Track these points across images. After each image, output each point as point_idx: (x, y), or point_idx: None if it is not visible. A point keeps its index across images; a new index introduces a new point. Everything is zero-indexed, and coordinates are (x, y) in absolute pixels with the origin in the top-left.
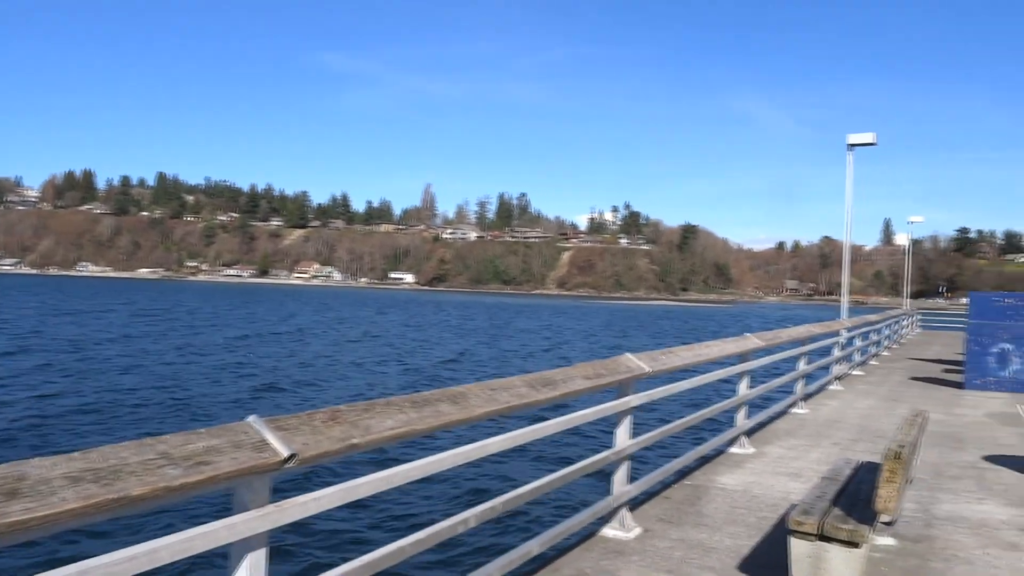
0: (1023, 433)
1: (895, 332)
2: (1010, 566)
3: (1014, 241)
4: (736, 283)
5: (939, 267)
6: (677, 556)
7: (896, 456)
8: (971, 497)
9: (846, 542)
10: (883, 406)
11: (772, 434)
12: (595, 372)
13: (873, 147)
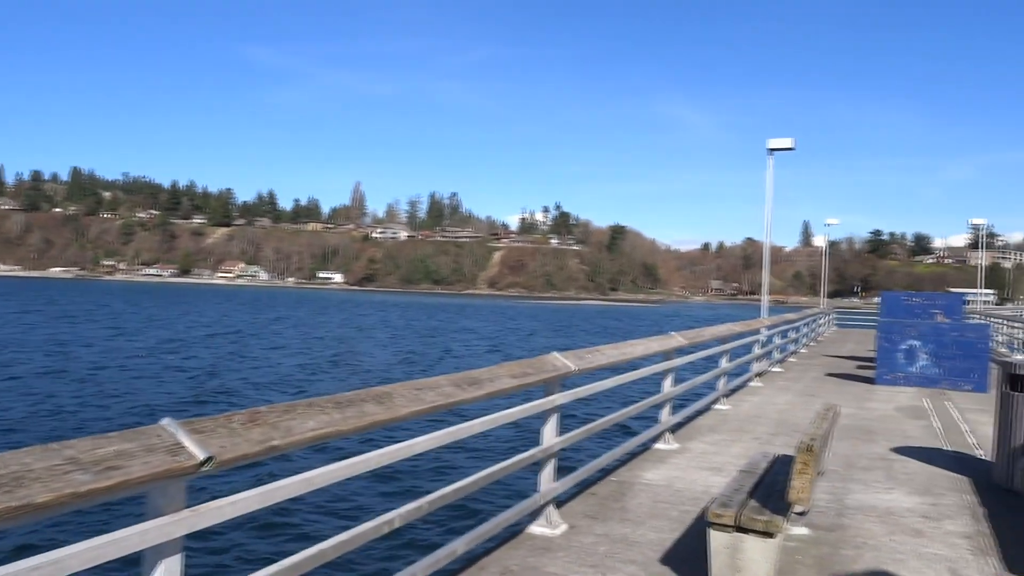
0: (928, 425)
1: (812, 330)
2: (914, 551)
3: (923, 243)
4: (664, 283)
5: (854, 268)
6: (602, 551)
7: (808, 449)
8: (880, 487)
9: (762, 532)
10: (800, 401)
11: (695, 430)
12: (521, 371)
13: (792, 152)
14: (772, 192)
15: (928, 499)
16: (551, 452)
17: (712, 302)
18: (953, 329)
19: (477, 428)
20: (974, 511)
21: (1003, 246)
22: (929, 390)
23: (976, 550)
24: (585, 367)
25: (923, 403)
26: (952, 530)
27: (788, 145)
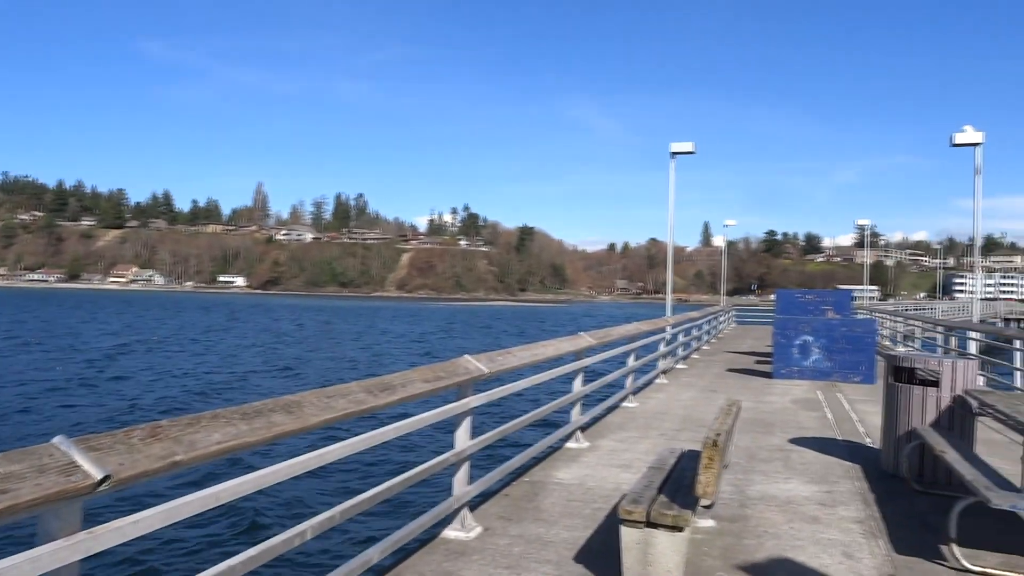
0: (822, 417)
1: (714, 327)
2: (811, 537)
3: (814, 243)
4: (571, 283)
5: (751, 266)
6: (517, 552)
7: (714, 444)
8: (779, 477)
9: (671, 527)
10: (704, 397)
11: (605, 428)
12: (434, 375)
13: (694, 155)
14: (674, 194)
15: (823, 487)
16: (465, 455)
17: (618, 301)
18: (843, 324)
19: (391, 434)
20: (865, 497)
21: (885, 245)
22: (822, 383)
23: (867, 533)
24: (498, 369)
25: (817, 395)
26: (845, 515)
27: (689, 149)
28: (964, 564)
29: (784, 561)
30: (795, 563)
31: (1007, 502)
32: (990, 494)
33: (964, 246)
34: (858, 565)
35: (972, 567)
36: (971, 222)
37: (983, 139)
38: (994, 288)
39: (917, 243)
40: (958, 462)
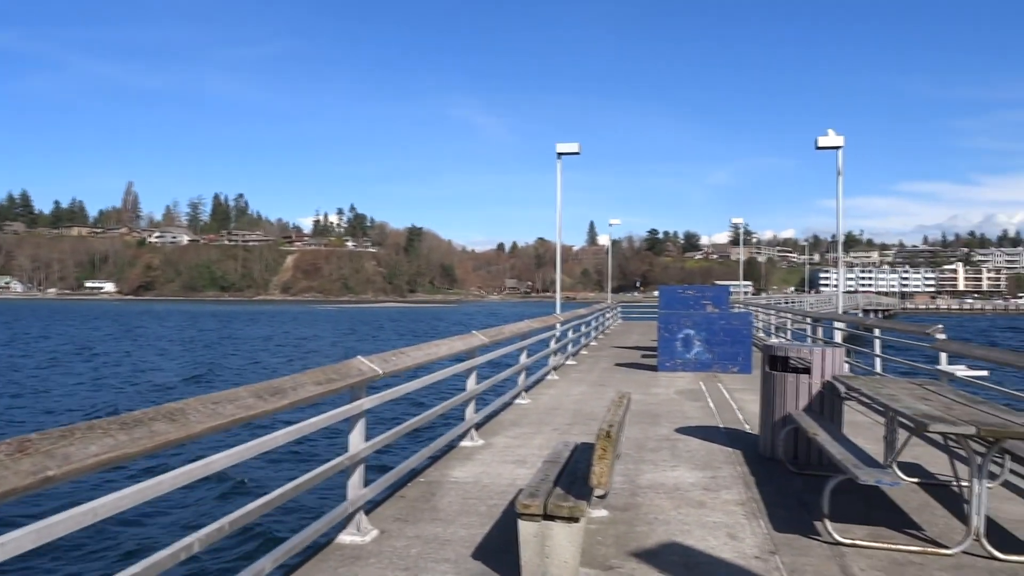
0: (704, 406)
1: (601, 324)
2: (698, 521)
3: (692, 241)
4: (461, 283)
5: (635, 264)
6: (414, 553)
7: (607, 435)
8: (667, 465)
9: (567, 518)
10: (594, 391)
11: (499, 425)
12: (326, 377)
13: (580, 156)
14: (561, 194)
15: (708, 473)
16: (359, 458)
17: (508, 300)
18: (721, 318)
19: (281, 439)
20: (746, 480)
21: (758, 242)
22: (704, 374)
23: (749, 514)
24: (391, 370)
25: (699, 386)
26: (728, 499)
27: (574, 150)
28: (836, 538)
29: (674, 545)
30: (684, 546)
31: (872, 478)
32: (858, 471)
33: (828, 243)
34: (741, 545)
35: (843, 540)
36: (834, 220)
37: (844, 143)
38: (855, 282)
39: (786, 240)
40: (829, 443)
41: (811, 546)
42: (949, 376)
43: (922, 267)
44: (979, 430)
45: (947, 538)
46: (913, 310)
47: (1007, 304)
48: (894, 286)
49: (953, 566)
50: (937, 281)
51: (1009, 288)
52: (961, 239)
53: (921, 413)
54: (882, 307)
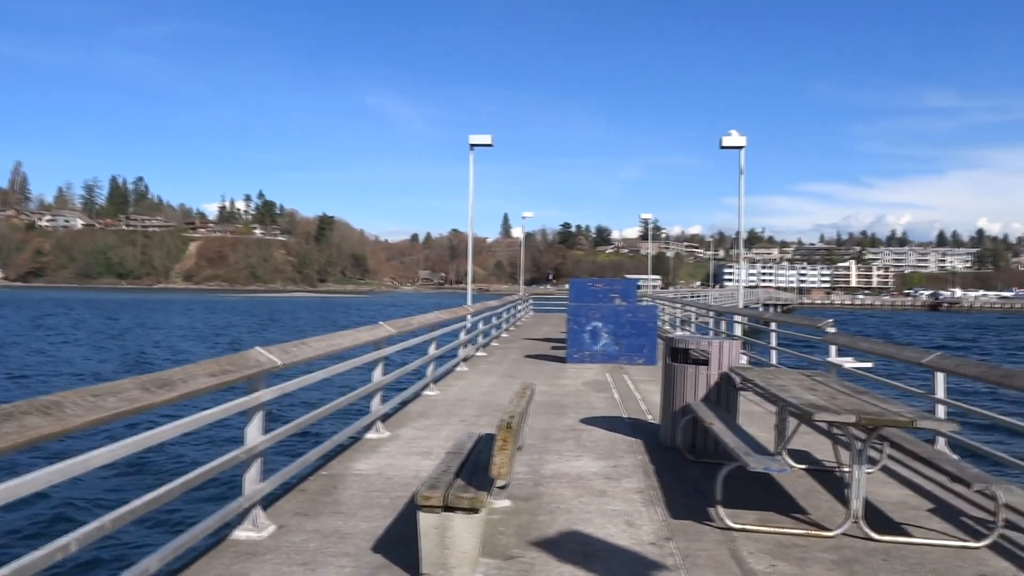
0: (610, 397)
1: (512, 316)
2: (598, 509)
3: (604, 235)
4: (373, 273)
5: (548, 257)
6: (312, 547)
7: (507, 426)
8: (571, 455)
9: (468, 509)
10: (502, 383)
11: (406, 417)
12: (220, 368)
13: (494, 148)
14: (474, 186)
15: (610, 462)
16: (256, 451)
17: (421, 291)
18: (628, 311)
19: (170, 433)
20: (646, 469)
21: (666, 238)
22: (611, 365)
23: (647, 502)
24: (292, 361)
25: (606, 377)
26: (629, 487)
27: (487, 142)
28: (728, 523)
29: (574, 534)
30: (584, 534)
31: (762, 465)
32: (748, 459)
33: (732, 239)
34: (639, 532)
35: (734, 525)
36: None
37: (746, 143)
38: (757, 277)
39: (693, 236)
40: (723, 432)
41: (704, 531)
42: (838, 367)
43: (819, 264)
44: (859, 419)
45: (830, 521)
46: (810, 305)
47: (894, 300)
48: (793, 282)
49: (833, 547)
50: (832, 278)
51: (896, 285)
52: (854, 238)
53: (807, 403)
54: (782, 302)
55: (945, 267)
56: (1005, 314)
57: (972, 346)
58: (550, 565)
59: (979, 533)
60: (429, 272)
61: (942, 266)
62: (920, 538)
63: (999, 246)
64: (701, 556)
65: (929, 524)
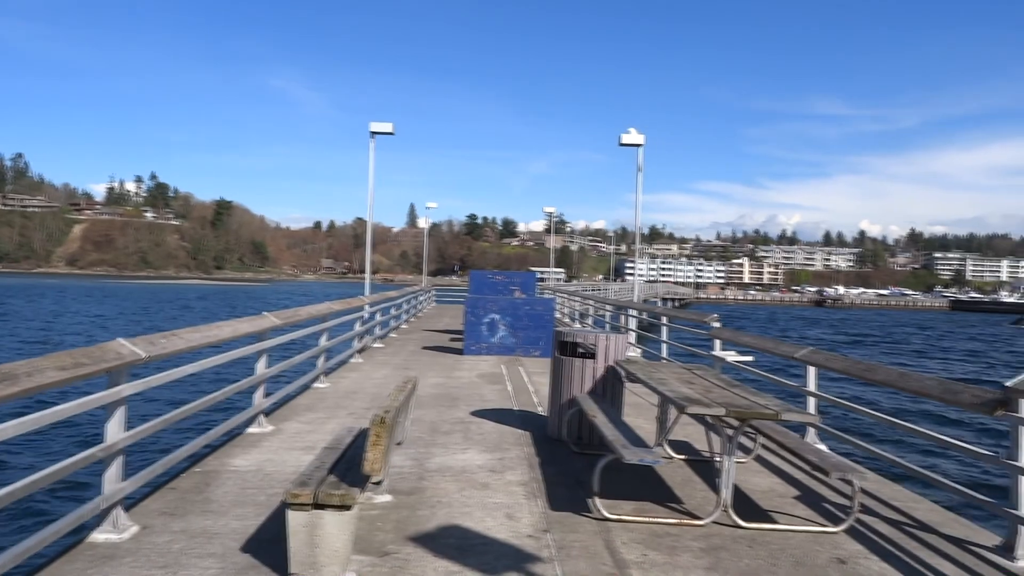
0: (503, 389)
1: (413, 307)
2: (480, 503)
3: (510, 227)
4: (273, 261)
5: (454, 248)
6: (177, 548)
7: (381, 421)
8: (457, 448)
9: (339, 506)
10: (396, 375)
11: (292, 410)
12: (74, 362)
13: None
14: (374, 174)
15: (496, 455)
16: (116, 449)
17: (323, 281)
18: (526, 303)
19: (10, 432)
20: (531, 461)
21: (571, 232)
22: (507, 357)
23: (529, 494)
24: (159, 353)
25: (501, 369)
26: (512, 480)
27: (388, 130)
28: (604, 514)
29: (453, 528)
30: (463, 528)
31: (636, 456)
32: (624, 451)
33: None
34: (518, 524)
35: (610, 516)
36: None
37: (644, 141)
38: (656, 272)
39: (597, 231)
40: (604, 425)
41: (581, 523)
42: (722, 361)
43: (715, 260)
44: (728, 411)
45: (702, 510)
46: (705, 299)
47: (783, 296)
48: (690, 277)
49: (703, 535)
50: (727, 274)
51: (785, 282)
52: (748, 236)
53: (682, 396)
54: (679, 296)
55: (830, 265)
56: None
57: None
58: (425, 560)
59: (838, 518)
60: (332, 261)
61: (827, 265)
62: (784, 524)
63: (878, 247)
64: (575, 547)
65: (794, 511)
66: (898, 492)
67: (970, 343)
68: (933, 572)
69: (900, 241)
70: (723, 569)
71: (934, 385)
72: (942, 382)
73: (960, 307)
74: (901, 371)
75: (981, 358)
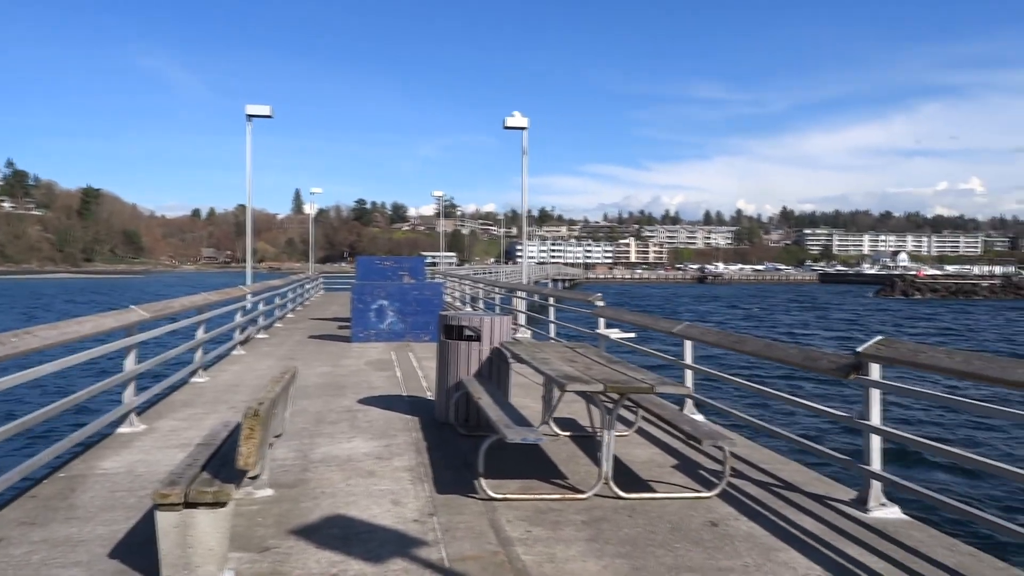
0: (392, 376)
1: (300, 295)
2: (365, 491)
3: (400, 212)
4: (149, 252)
5: (342, 234)
6: (36, 560)
7: (254, 414)
8: (343, 437)
9: (212, 504)
10: (281, 365)
11: (168, 407)
12: None
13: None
14: (252, 158)
15: (383, 442)
16: None
17: (204, 271)
18: (414, 288)
19: None
20: (418, 446)
21: (462, 215)
22: (397, 343)
23: (415, 479)
24: (9, 353)
25: (391, 356)
26: (399, 466)
27: (266, 112)
28: (490, 494)
29: (337, 518)
30: (347, 517)
31: (519, 436)
32: (507, 431)
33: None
34: (403, 510)
35: (495, 495)
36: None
37: (529, 124)
38: (547, 254)
39: (488, 214)
40: (489, 406)
41: (467, 504)
42: (606, 338)
43: (603, 241)
44: (606, 387)
45: (585, 484)
46: (595, 279)
47: (668, 274)
48: (580, 258)
49: (585, 508)
50: (615, 254)
51: (669, 260)
52: (633, 217)
53: (563, 374)
54: (569, 277)
55: (711, 243)
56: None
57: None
58: (307, 552)
59: (712, 483)
60: (214, 250)
61: (708, 243)
62: (662, 492)
63: (754, 225)
64: (461, 528)
65: (672, 479)
66: (767, 455)
67: (838, 312)
68: (795, 527)
69: (774, 219)
70: (604, 540)
71: (796, 353)
72: (803, 350)
73: (828, 279)
74: (767, 342)
75: (854, 326)
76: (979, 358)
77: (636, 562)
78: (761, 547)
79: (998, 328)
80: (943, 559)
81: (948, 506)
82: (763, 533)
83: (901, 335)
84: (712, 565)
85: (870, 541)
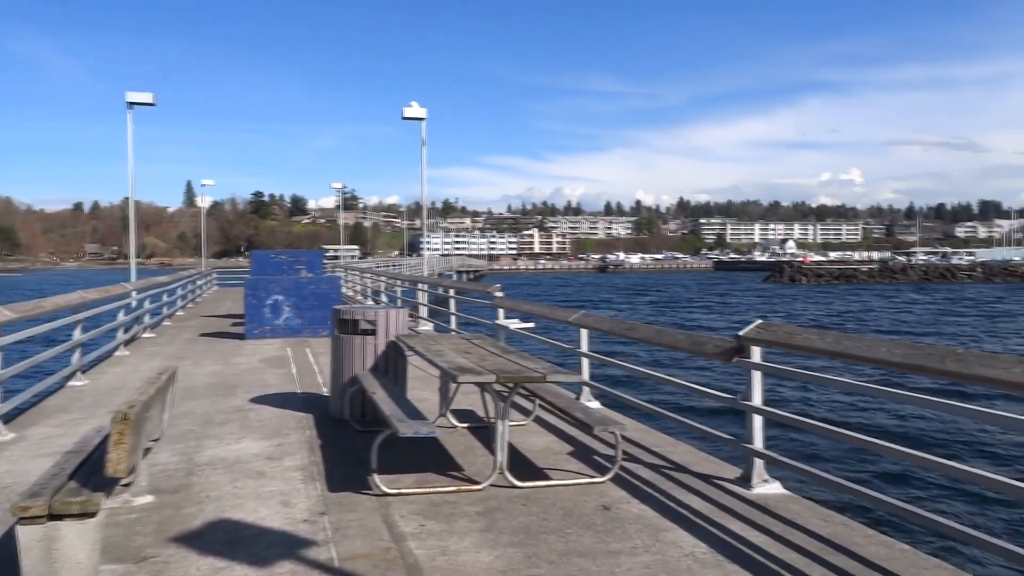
0: (287, 373)
1: (191, 292)
2: (253, 493)
3: (299, 204)
4: (26, 248)
5: (239, 228)
6: None
7: (124, 418)
8: (232, 438)
9: (79, 515)
10: (169, 366)
11: (41, 413)
12: None
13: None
14: (134, 148)
15: (275, 441)
16: None
17: (88, 268)
18: (311, 283)
19: None
20: (311, 444)
21: (364, 208)
22: (293, 339)
23: (307, 478)
24: None
25: (286, 352)
26: (290, 465)
27: (148, 100)
28: (384, 490)
29: (222, 522)
30: (233, 521)
31: (411, 430)
32: (400, 425)
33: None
34: (293, 511)
35: (390, 490)
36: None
37: (427, 114)
38: (452, 246)
39: (391, 206)
40: (383, 400)
41: (360, 501)
42: (505, 329)
43: (506, 232)
44: (499, 377)
45: (481, 475)
46: (499, 270)
47: (570, 264)
48: (484, 249)
49: (480, 499)
50: (519, 245)
51: (572, 250)
52: (536, 208)
53: (456, 366)
54: (473, 268)
55: (612, 233)
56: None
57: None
58: (188, 560)
59: (605, 468)
60: (99, 246)
61: (609, 233)
62: (557, 480)
63: (653, 215)
64: (353, 526)
65: (567, 466)
66: (659, 439)
67: (731, 298)
68: (684, 507)
69: (671, 209)
70: (498, 530)
71: (684, 339)
72: (690, 336)
73: (722, 267)
74: (658, 328)
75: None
76: (848, 338)
77: (528, 550)
78: (650, 528)
79: (887, 311)
80: (818, 529)
81: (823, 480)
82: (653, 514)
83: (796, 320)
84: (602, 549)
85: (752, 516)
